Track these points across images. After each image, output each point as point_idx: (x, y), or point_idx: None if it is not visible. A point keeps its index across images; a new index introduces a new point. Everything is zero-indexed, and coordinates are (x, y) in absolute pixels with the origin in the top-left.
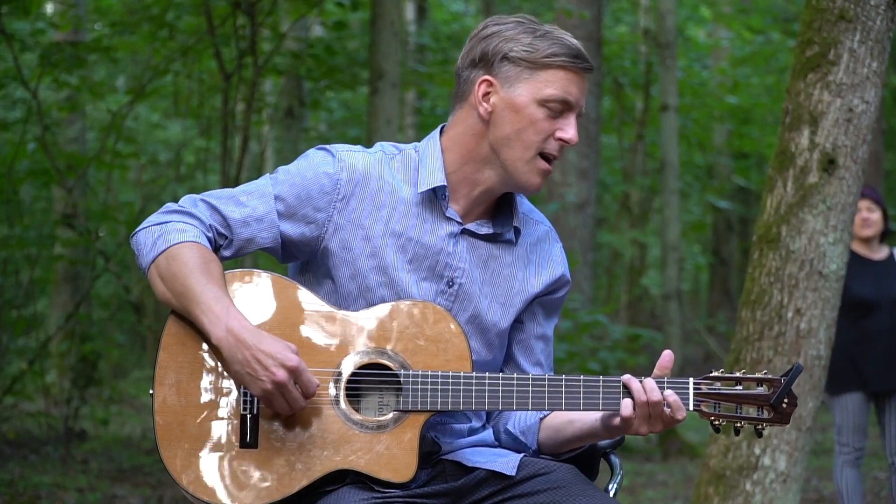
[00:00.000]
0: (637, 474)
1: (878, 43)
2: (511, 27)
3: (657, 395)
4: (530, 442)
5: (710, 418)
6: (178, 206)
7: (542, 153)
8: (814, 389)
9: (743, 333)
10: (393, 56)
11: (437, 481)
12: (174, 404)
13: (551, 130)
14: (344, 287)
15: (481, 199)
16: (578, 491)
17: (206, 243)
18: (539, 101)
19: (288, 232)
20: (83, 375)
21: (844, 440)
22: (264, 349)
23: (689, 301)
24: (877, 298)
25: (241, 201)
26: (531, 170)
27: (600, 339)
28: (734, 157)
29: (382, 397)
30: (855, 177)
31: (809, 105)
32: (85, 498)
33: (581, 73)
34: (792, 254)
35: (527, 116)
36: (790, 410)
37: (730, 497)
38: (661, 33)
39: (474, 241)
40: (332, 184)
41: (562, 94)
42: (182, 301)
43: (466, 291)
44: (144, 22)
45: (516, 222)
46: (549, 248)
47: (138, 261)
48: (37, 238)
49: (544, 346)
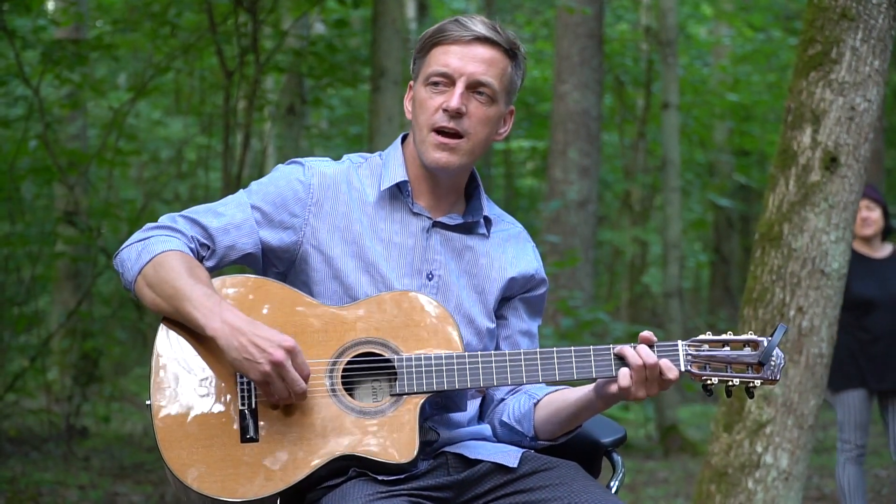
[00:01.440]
0: (638, 472)
1: (880, 41)
2: None
3: (652, 358)
4: (526, 429)
5: (700, 379)
6: (157, 224)
7: (434, 128)
8: (816, 387)
9: (745, 331)
10: (394, 53)
11: (440, 474)
12: (172, 407)
13: (438, 104)
14: (327, 289)
15: (444, 193)
16: (581, 487)
17: (190, 253)
18: (424, 83)
19: (267, 239)
20: (85, 372)
21: (847, 437)
22: (260, 333)
23: (690, 299)
24: (879, 297)
25: (219, 212)
26: (428, 147)
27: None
28: (735, 155)
29: (376, 385)
30: (857, 175)
31: (812, 103)
32: (86, 495)
33: (463, 42)
34: (794, 252)
35: (419, 101)
36: (777, 369)
37: (732, 495)
38: (663, 31)
39: (447, 233)
40: (305, 189)
41: (439, 67)
42: (173, 302)
43: (446, 282)
44: (146, 19)
45: (486, 212)
46: (522, 245)
47: (123, 277)
48: (38, 235)
49: (529, 342)
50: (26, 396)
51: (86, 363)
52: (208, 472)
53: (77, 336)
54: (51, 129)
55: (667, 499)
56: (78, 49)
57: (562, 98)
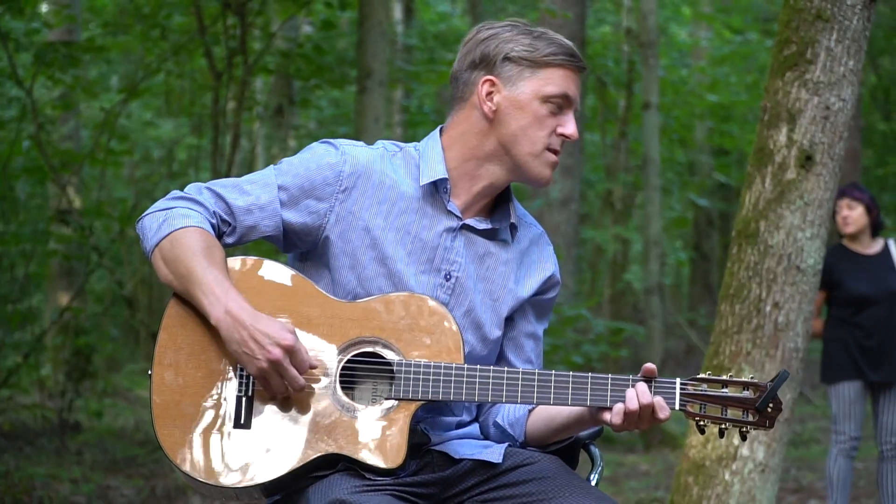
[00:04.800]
0: (619, 465)
1: (854, 42)
2: (508, 29)
3: (648, 399)
4: (518, 434)
5: (695, 419)
6: (183, 193)
7: (549, 148)
8: (791, 381)
9: (722, 327)
10: (381, 55)
11: (425, 471)
12: (172, 384)
13: (553, 126)
14: (343, 277)
15: (482, 195)
16: (564, 482)
17: (210, 229)
18: (542, 98)
19: (290, 220)
20: (77, 369)
21: (840, 428)
22: (261, 328)
23: (670, 295)
24: (872, 293)
25: (245, 190)
26: (542, 163)
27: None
28: (714, 154)
29: (376, 385)
30: (832, 173)
31: (787, 103)
32: (79, 488)
33: (577, 71)
34: (770, 249)
35: (531, 113)
36: (775, 415)
37: (709, 486)
38: (644, 33)
39: (472, 236)
40: (335, 175)
41: (563, 90)
42: (184, 283)
43: (462, 285)
44: (137, 22)
45: (513, 219)
46: (541, 250)
47: (143, 244)
48: (32, 234)
49: (534, 344)
50: (20, 392)
51: (78, 359)
52: (197, 453)
53: (70, 333)
54: (44, 129)
55: (647, 491)
56: (70, 51)
57: None
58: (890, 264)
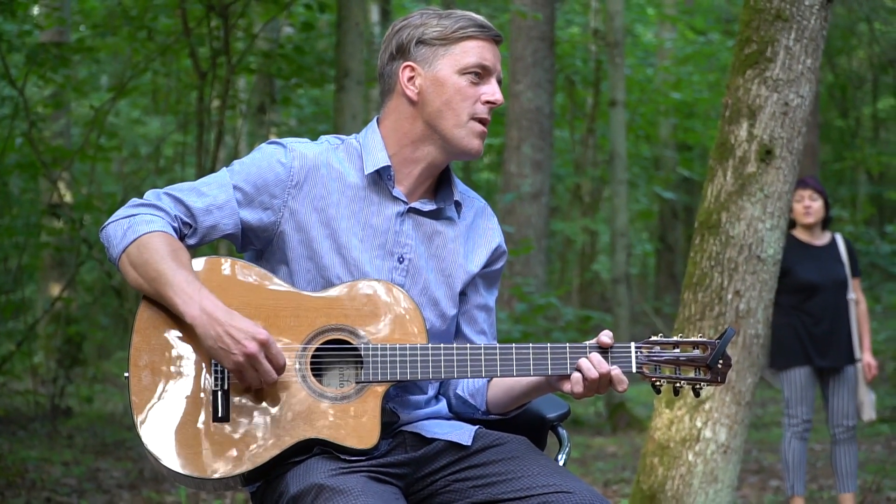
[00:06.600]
0: (588, 447)
1: (812, 41)
2: (417, 17)
3: (605, 368)
4: (479, 403)
5: (651, 380)
6: (143, 201)
7: (474, 117)
8: (752, 366)
9: (686, 314)
10: (358, 55)
11: (398, 451)
12: (149, 384)
13: (476, 95)
14: (301, 268)
15: (423, 177)
16: (532, 461)
17: (173, 233)
18: (459, 71)
19: (247, 219)
20: (69, 356)
21: (793, 412)
22: (235, 325)
23: (637, 285)
24: (821, 281)
25: (203, 192)
26: (468, 134)
27: (554, 321)
28: (679, 150)
29: (343, 371)
30: (791, 167)
31: (748, 99)
32: (70, 471)
33: (491, 40)
34: (731, 239)
35: (452, 86)
36: (725, 370)
37: (673, 467)
38: (610, 33)
39: (419, 218)
40: (286, 171)
41: (478, 59)
42: (154, 285)
43: (416, 266)
44: (125, 24)
45: (457, 196)
46: (485, 222)
47: (109, 252)
48: (25, 227)
49: (486, 315)
50: (13, 378)
51: (70, 347)
52: (179, 448)
53: (61, 321)
54: (35, 127)
55: (615, 472)
56: (61, 52)
57: (516, 97)
58: (837, 256)
